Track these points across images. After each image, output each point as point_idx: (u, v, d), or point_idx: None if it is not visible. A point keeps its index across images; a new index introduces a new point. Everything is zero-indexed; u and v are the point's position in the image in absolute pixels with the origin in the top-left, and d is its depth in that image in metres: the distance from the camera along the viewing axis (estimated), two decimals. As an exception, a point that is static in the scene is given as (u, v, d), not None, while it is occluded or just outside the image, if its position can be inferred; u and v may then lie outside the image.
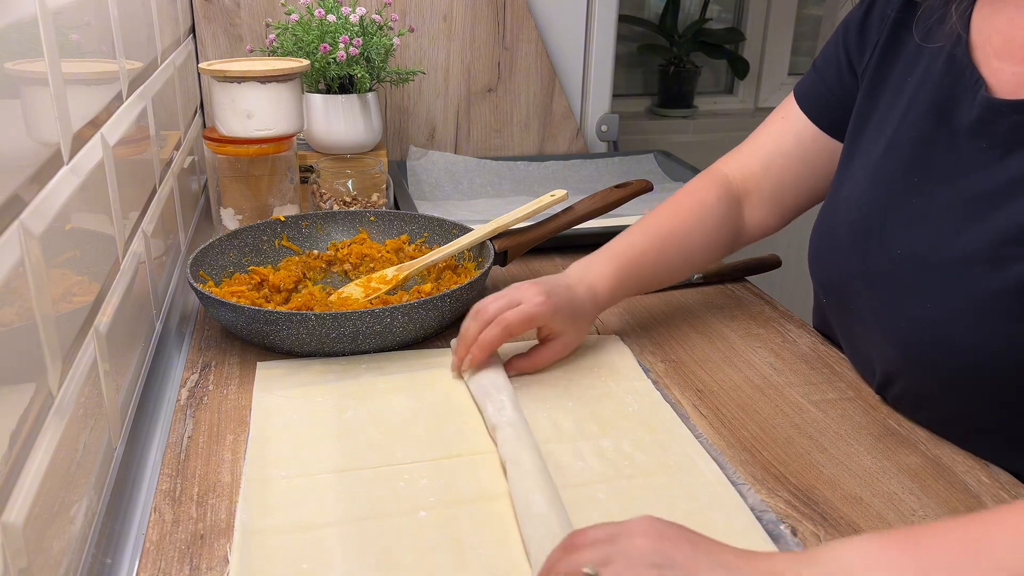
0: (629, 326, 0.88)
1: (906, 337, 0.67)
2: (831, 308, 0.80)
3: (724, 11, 2.39)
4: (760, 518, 0.59)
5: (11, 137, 0.48)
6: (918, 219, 0.67)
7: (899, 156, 0.70)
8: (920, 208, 0.68)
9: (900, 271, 0.68)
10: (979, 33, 0.68)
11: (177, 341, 0.87)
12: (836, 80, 0.81)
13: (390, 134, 1.42)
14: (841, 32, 0.81)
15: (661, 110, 2.30)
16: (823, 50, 0.84)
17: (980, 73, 0.66)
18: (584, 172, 1.39)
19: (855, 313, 0.74)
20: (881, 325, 0.70)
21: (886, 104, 0.74)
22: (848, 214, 0.74)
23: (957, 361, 0.64)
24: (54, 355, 0.50)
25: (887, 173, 0.71)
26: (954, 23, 0.69)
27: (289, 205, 1.10)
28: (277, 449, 0.65)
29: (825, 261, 0.77)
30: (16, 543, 0.42)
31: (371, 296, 0.87)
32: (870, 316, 0.71)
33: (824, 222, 0.78)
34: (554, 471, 0.62)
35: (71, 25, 0.61)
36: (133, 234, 0.75)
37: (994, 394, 0.63)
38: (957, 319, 0.63)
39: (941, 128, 0.68)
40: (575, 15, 1.46)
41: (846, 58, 0.80)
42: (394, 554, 0.55)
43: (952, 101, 0.67)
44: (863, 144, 0.76)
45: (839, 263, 0.75)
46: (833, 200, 0.78)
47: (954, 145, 0.66)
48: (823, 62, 0.83)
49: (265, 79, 1.00)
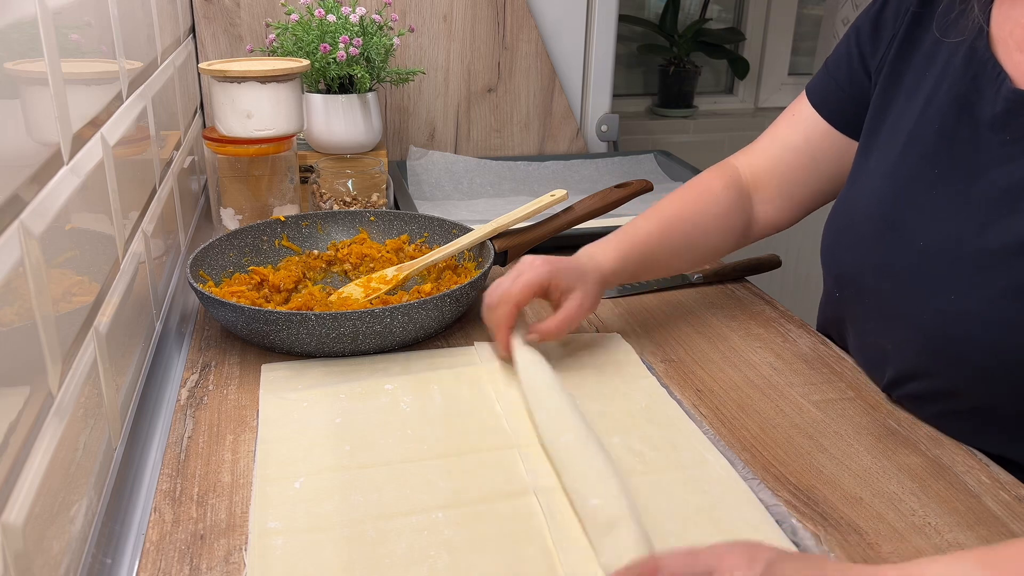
0: (629, 326, 0.88)
1: (928, 330, 0.67)
2: (844, 302, 0.79)
3: (724, 11, 2.39)
4: (770, 512, 0.59)
5: (11, 137, 0.48)
6: (940, 212, 0.67)
7: (920, 150, 0.70)
8: (942, 201, 0.68)
9: (922, 264, 0.68)
10: (1000, 27, 0.68)
11: (177, 341, 0.87)
12: (848, 79, 0.81)
13: (390, 134, 1.42)
14: (854, 30, 0.81)
15: (661, 110, 2.30)
16: (835, 48, 0.84)
17: (1002, 66, 0.66)
18: (584, 172, 1.39)
19: (871, 307, 0.74)
20: (900, 319, 0.70)
21: (904, 99, 0.74)
22: (867, 208, 0.74)
23: (980, 354, 0.64)
24: (54, 355, 0.50)
25: (908, 167, 0.71)
26: (976, 16, 0.69)
27: (289, 205, 1.10)
28: (287, 450, 0.65)
29: (842, 254, 0.77)
30: (16, 543, 0.42)
31: (371, 296, 0.87)
32: (888, 309, 0.71)
33: (840, 216, 0.78)
34: None
35: (71, 25, 0.61)
36: (133, 234, 0.75)
37: (1016, 387, 0.63)
38: (981, 312, 0.63)
39: (963, 121, 0.68)
40: (575, 15, 1.46)
41: (858, 55, 0.80)
42: (413, 553, 0.55)
43: (975, 94, 0.67)
44: (881, 139, 0.76)
45: (857, 256, 0.75)
46: (849, 194, 0.78)
47: (976, 138, 0.66)
48: (834, 61, 0.83)
49: (265, 79, 1.00)
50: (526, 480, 0.62)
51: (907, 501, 0.61)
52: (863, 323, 0.77)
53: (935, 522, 0.59)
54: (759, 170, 0.88)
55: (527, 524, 0.58)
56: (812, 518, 0.59)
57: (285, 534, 0.56)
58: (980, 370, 0.64)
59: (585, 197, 0.98)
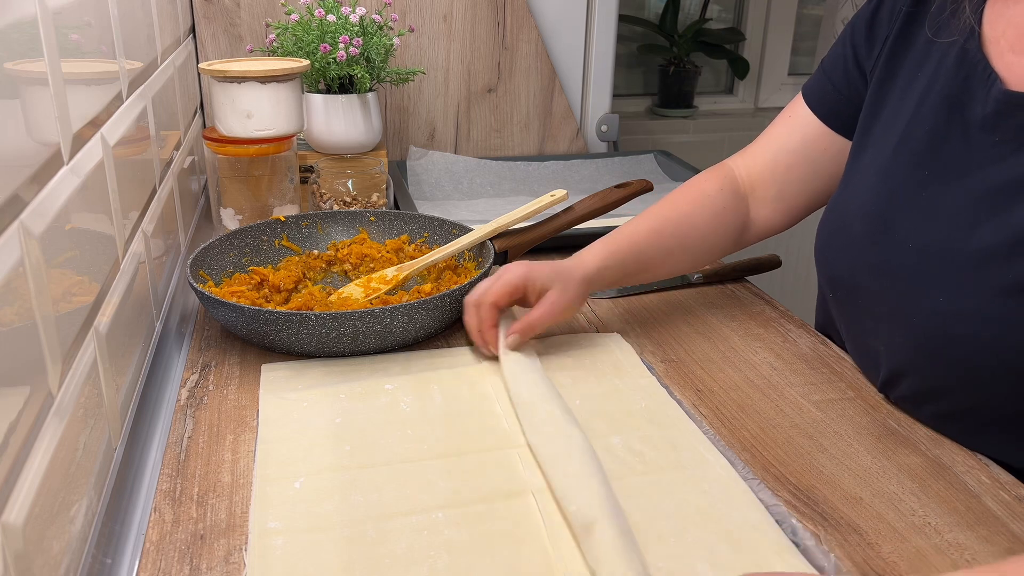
0: (629, 326, 0.88)
1: (920, 331, 0.67)
2: (838, 303, 0.79)
3: (724, 11, 2.39)
4: (770, 512, 0.59)
5: (11, 137, 0.48)
6: (931, 213, 0.68)
7: (911, 150, 0.71)
8: (933, 202, 0.68)
9: (914, 264, 0.68)
10: (992, 27, 0.68)
11: (177, 341, 0.87)
12: (843, 79, 0.81)
13: (390, 134, 1.42)
14: (849, 31, 0.81)
15: (661, 110, 2.30)
16: (831, 49, 0.84)
17: (993, 67, 0.66)
18: (584, 172, 1.39)
19: (864, 307, 0.74)
20: (893, 319, 0.70)
21: (896, 99, 0.74)
22: (860, 208, 0.74)
23: (973, 354, 0.64)
24: (54, 355, 0.50)
25: (899, 167, 0.71)
26: (967, 17, 0.69)
27: (289, 205, 1.10)
28: (287, 450, 0.65)
29: (835, 255, 0.77)
30: (16, 543, 0.42)
31: (371, 296, 0.87)
32: (882, 309, 0.71)
33: (833, 216, 0.78)
34: None
35: (71, 25, 0.61)
36: (133, 234, 0.75)
37: (1011, 387, 0.63)
38: (974, 312, 0.63)
39: (953, 122, 0.68)
40: (575, 15, 1.46)
41: (853, 56, 0.80)
42: (413, 553, 0.55)
43: (965, 95, 0.67)
44: (873, 139, 0.76)
45: (850, 257, 0.75)
46: (843, 194, 0.78)
47: (967, 139, 0.67)
48: (830, 61, 0.83)
49: (265, 79, 1.00)
50: (525, 480, 0.62)
51: (907, 501, 0.61)
52: (857, 323, 0.77)
53: (935, 522, 0.59)
54: (755, 172, 0.88)
55: (526, 524, 0.58)
56: (812, 518, 0.59)
57: (285, 534, 0.56)
58: (974, 369, 0.64)
59: (585, 197, 0.98)
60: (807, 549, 0.56)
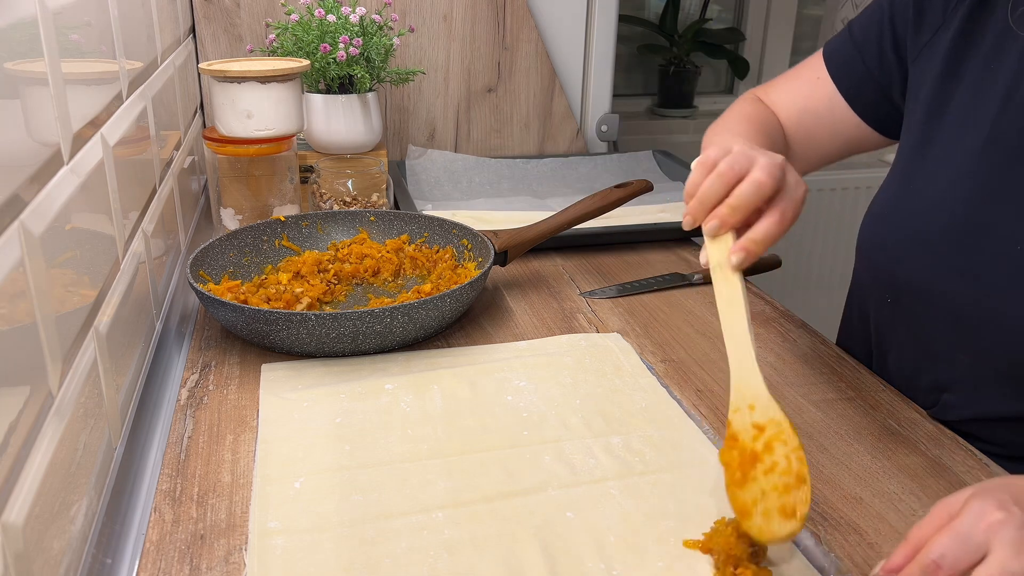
0: (629, 326, 0.88)
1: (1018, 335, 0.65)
2: (901, 309, 0.75)
3: (724, 11, 2.39)
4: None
5: (11, 137, 0.48)
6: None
7: (1006, 147, 0.67)
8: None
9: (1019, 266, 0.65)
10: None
11: (177, 341, 0.87)
12: (877, 61, 0.78)
13: (390, 134, 1.42)
14: (888, 8, 0.77)
15: (661, 110, 2.31)
16: (861, 21, 0.80)
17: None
18: (584, 171, 1.39)
19: (936, 314, 0.71)
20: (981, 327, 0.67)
21: (970, 93, 0.71)
22: (942, 211, 0.70)
23: None
24: (54, 355, 0.50)
25: (993, 166, 0.68)
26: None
27: (289, 205, 1.10)
28: (287, 450, 0.65)
29: (906, 259, 0.73)
30: (16, 543, 0.42)
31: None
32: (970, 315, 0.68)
33: (899, 219, 0.74)
34: (565, 468, 0.63)
35: (71, 25, 0.61)
36: (133, 234, 0.75)
37: None
38: None
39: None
40: (575, 15, 1.46)
41: (891, 39, 0.77)
42: (413, 553, 0.55)
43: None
44: (943, 135, 0.72)
45: (928, 261, 0.71)
46: (906, 197, 0.74)
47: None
48: (861, 33, 0.80)
49: (265, 79, 1.00)
50: (526, 480, 0.62)
51: (907, 501, 0.61)
52: (919, 330, 0.74)
53: (935, 522, 0.59)
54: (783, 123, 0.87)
55: (527, 524, 0.58)
56: (812, 518, 0.59)
57: (285, 534, 0.56)
58: None
59: (585, 197, 0.98)
60: (807, 549, 0.56)
